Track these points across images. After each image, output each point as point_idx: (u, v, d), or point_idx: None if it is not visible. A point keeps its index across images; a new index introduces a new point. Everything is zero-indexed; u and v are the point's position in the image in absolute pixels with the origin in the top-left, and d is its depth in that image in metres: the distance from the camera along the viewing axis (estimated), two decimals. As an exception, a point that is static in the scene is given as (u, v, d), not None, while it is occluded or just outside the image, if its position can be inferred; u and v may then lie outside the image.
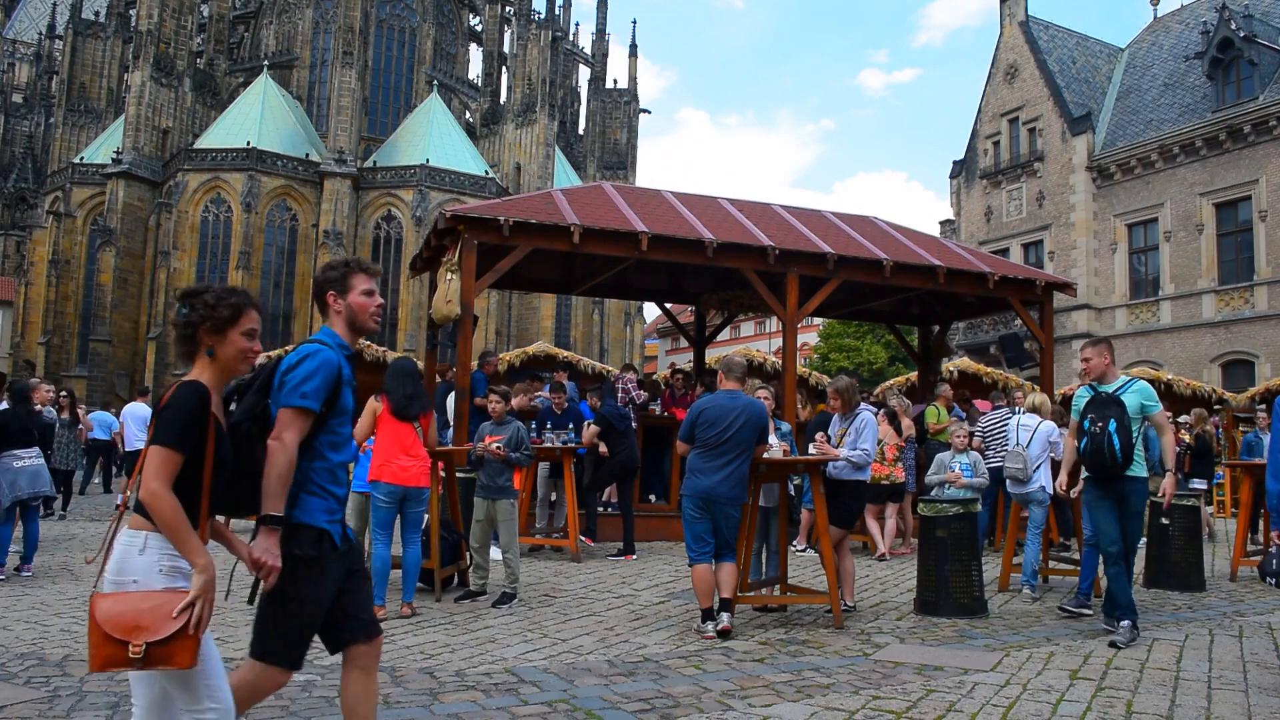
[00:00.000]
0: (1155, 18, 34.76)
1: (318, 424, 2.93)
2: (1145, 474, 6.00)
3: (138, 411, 14.65)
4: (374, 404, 6.58)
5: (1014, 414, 9.33)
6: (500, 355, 18.91)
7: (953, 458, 8.32)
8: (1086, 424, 5.92)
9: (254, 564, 2.76)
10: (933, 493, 7.91)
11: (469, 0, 61.57)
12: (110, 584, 2.47)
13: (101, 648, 2.37)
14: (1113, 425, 5.78)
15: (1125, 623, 5.73)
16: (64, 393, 13.38)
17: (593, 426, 9.52)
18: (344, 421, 3.05)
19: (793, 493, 8.38)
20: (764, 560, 7.10)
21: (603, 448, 9.49)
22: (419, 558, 6.51)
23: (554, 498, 10.20)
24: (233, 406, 2.86)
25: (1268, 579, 5.50)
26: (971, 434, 10.03)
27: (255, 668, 2.97)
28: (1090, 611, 6.57)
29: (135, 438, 14.34)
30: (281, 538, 2.83)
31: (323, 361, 2.93)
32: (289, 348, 3.26)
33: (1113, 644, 5.67)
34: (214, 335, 2.62)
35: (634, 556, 9.37)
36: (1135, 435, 5.82)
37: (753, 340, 53.24)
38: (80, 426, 13.57)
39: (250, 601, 2.89)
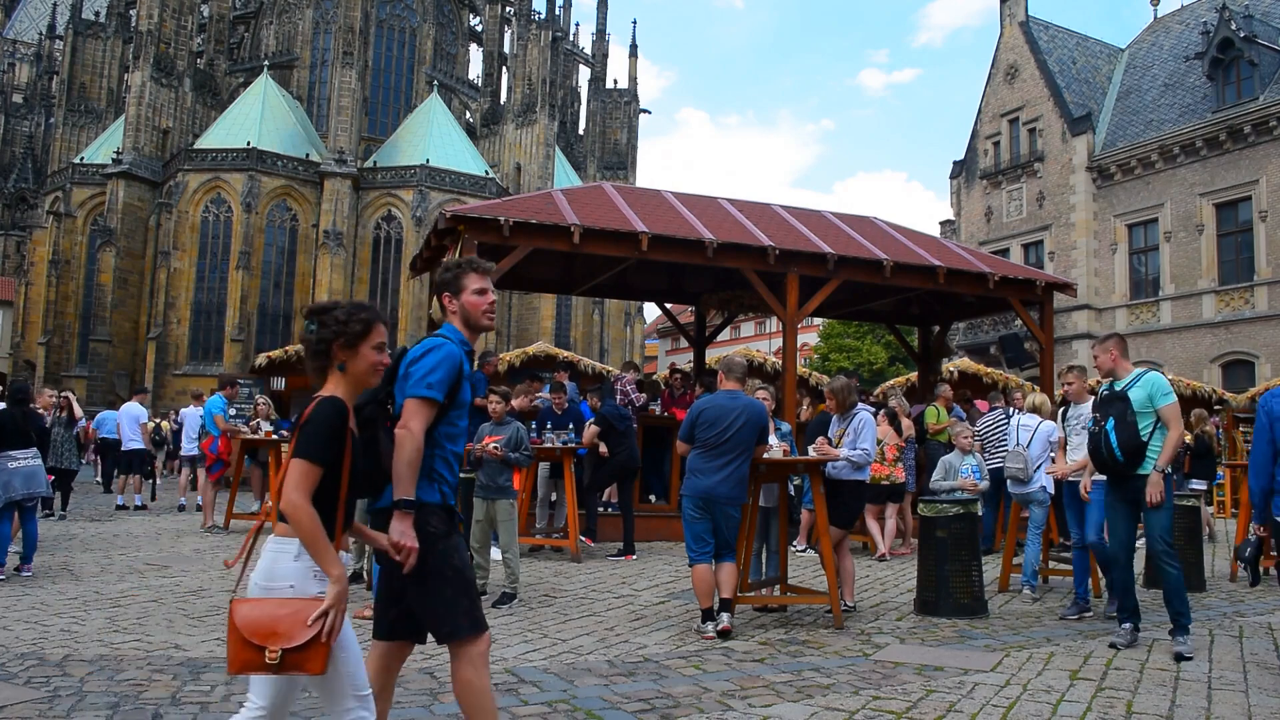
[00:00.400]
0: (1155, 18, 34.77)
1: (439, 415, 3.04)
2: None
3: (132, 411, 14.66)
4: None
5: (1008, 415, 9.35)
6: (500, 355, 18.92)
7: (961, 460, 8.25)
8: (1090, 423, 5.90)
9: (394, 548, 2.88)
10: (941, 495, 7.87)
11: (469, 0, 61.56)
12: (259, 589, 2.55)
13: (240, 652, 2.44)
14: (1110, 423, 5.73)
15: (1126, 625, 5.71)
16: (64, 393, 13.37)
17: (593, 426, 9.52)
18: (462, 414, 3.16)
19: (793, 493, 8.39)
20: (764, 560, 7.09)
21: (603, 448, 9.49)
22: None
23: (554, 498, 10.20)
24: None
25: (1240, 563, 5.51)
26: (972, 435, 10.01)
27: (462, 650, 3.03)
28: (1091, 612, 6.55)
29: (130, 439, 14.35)
30: (419, 519, 2.96)
31: (446, 354, 3.07)
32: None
33: (1112, 645, 5.67)
34: (347, 350, 2.69)
35: (634, 557, 9.37)
36: (1144, 431, 5.60)
37: (753, 340, 53.24)
38: (80, 427, 13.56)
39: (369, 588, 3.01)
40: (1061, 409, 7.04)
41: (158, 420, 21.98)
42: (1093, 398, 6.72)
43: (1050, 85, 32.11)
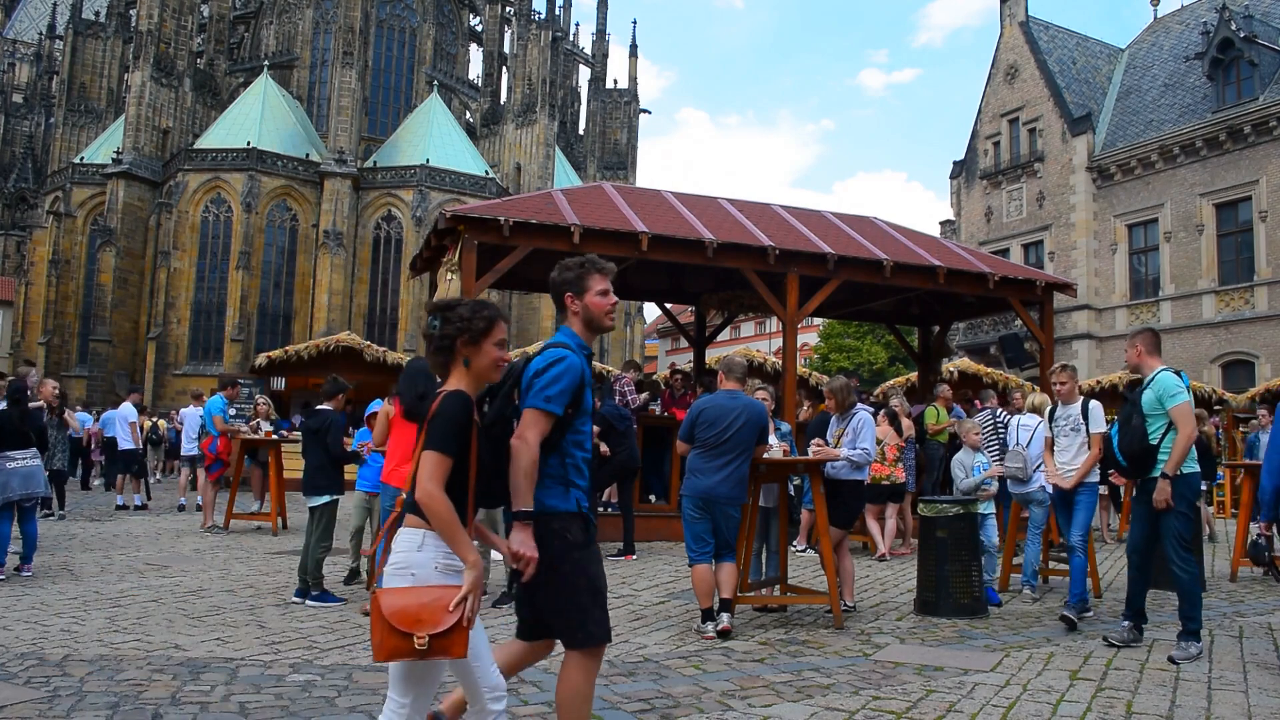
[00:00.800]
0: (1155, 18, 34.77)
1: (564, 424, 3.08)
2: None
3: (124, 412, 14.66)
4: (387, 407, 6.59)
5: (994, 415, 9.33)
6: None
7: (972, 457, 8.06)
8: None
9: (514, 557, 2.93)
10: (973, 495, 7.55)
11: (469, 0, 61.56)
12: (390, 580, 2.65)
13: (388, 639, 2.53)
14: (1115, 429, 5.73)
15: (1126, 623, 5.70)
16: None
17: (593, 426, 9.51)
18: (585, 420, 3.21)
19: (793, 493, 8.38)
20: (764, 560, 7.09)
21: (604, 448, 9.48)
22: None
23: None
24: (485, 408, 3.02)
25: (1260, 565, 5.43)
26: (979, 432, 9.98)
27: (581, 657, 3.10)
28: (1091, 613, 6.53)
29: (124, 438, 14.35)
30: (558, 528, 3.02)
31: (568, 366, 3.08)
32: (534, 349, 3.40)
33: (1105, 638, 5.67)
34: (470, 346, 2.79)
35: (634, 556, 9.37)
36: (1154, 434, 5.51)
37: (753, 340, 53.23)
38: (71, 429, 13.56)
39: (510, 588, 3.03)
40: (1050, 409, 6.95)
41: (155, 419, 22.00)
42: (1082, 398, 6.71)
43: (1050, 85, 32.11)
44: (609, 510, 10.62)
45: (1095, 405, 6.61)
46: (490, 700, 2.76)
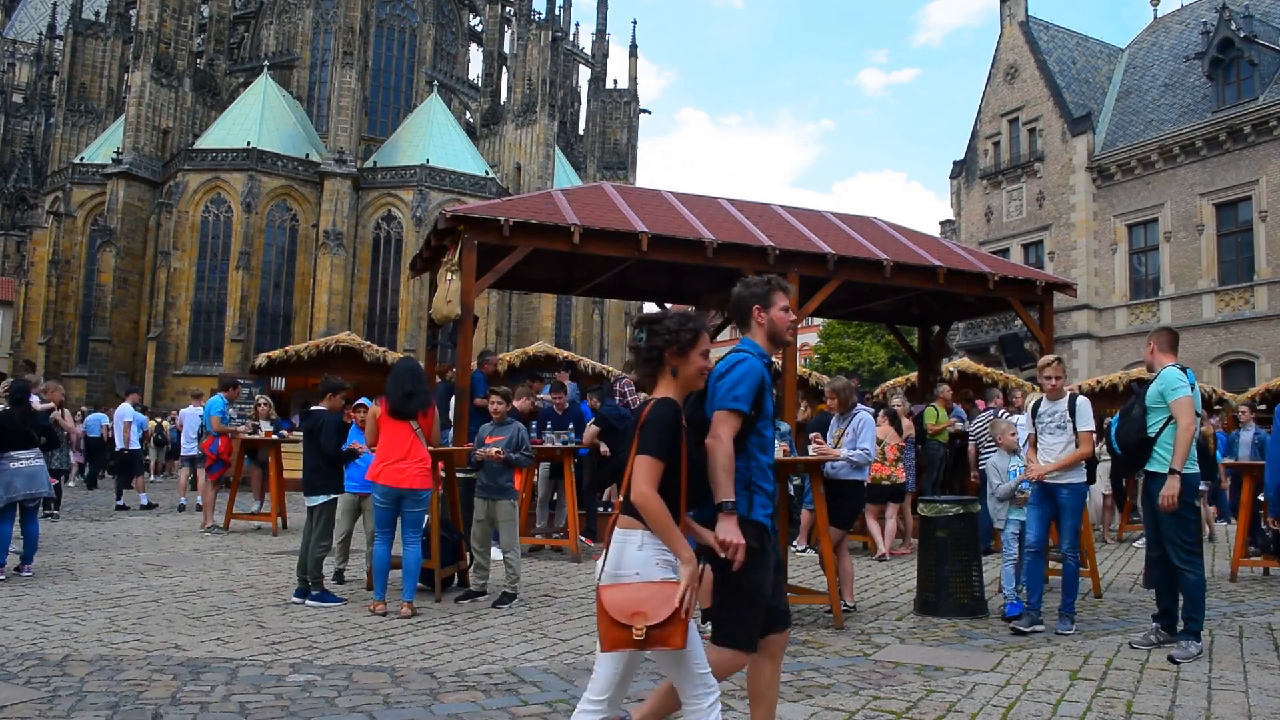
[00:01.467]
0: (1155, 18, 34.77)
1: (747, 427, 3.23)
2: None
3: (124, 413, 14.65)
4: (374, 408, 6.61)
5: (996, 415, 9.30)
6: (500, 355, 18.92)
7: (1008, 460, 7.78)
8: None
9: (721, 545, 3.05)
10: (1004, 502, 7.05)
11: (469, 0, 61.55)
12: (610, 576, 2.80)
13: (610, 631, 2.72)
14: (1115, 419, 5.73)
15: (1154, 624, 5.64)
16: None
17: (592, 427, 9.52)
18: (768, 425, 3.37)
19: (792, 493, 8.38)
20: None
21: (604, 448, 9.49)
22: (419, 557, 6.51)
23: (554, 498, 10.20)
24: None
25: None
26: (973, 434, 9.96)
27: (720, 653, 3.26)
28: (1042, 628, 6.03)
29: (122, 440, 14.35)
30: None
31: (750, 368, 3.27)
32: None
33: (1132, 645, 5.64)
34: (678, 357, 2.95)
35: (634, 556, 9.35)
36: (1153, 426, 5.50)
37: (753, 340, 53.13)
38: (68, 429, 13.57)
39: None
40: (1035, 403, 6.55)
41: (159, 420, 22.07)
42: (1069, 394, 6.52)
43: (1050, 85, 32.11)
44: (609, 510, 10.62)
45: (1083, 401, 6.33)
46: (703, 693, 2.92)
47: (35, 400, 9.94)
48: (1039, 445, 6.34)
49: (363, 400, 8.19)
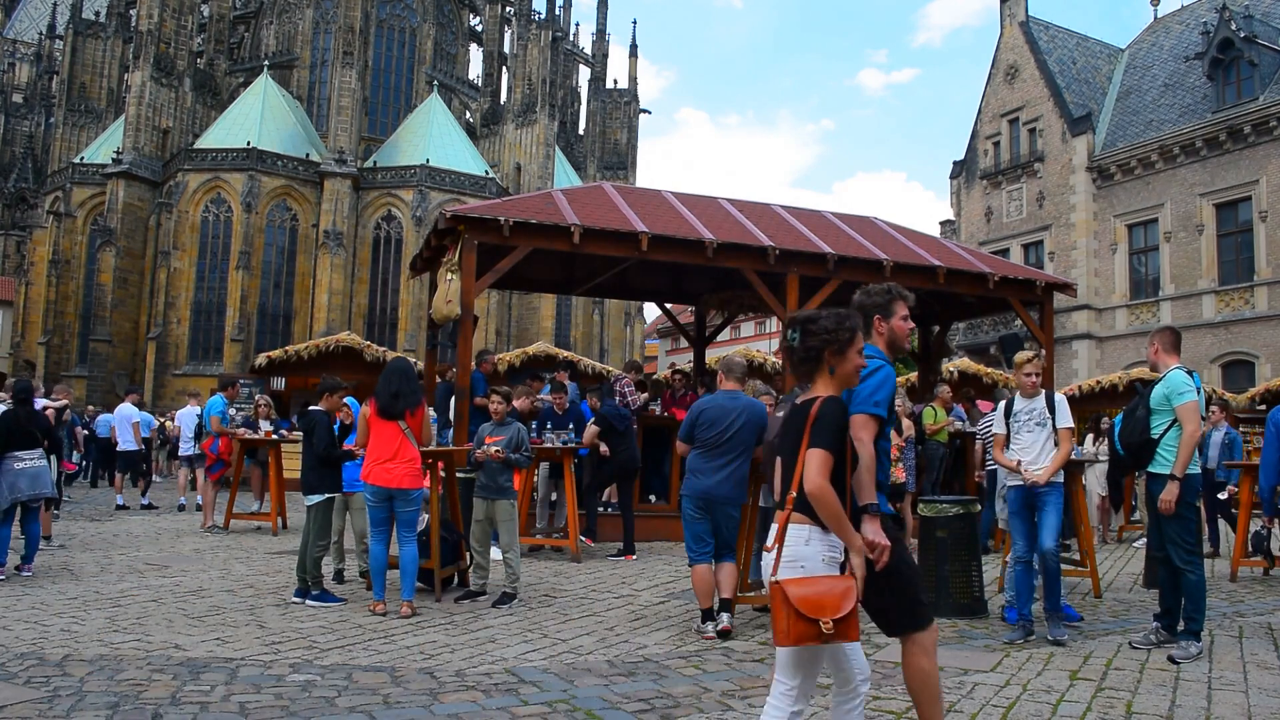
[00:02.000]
0: (1155, 18, 34.77)
1: (879, 430, 3.37)
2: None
3: (125, 412, 14.64)
4: (365, 409, 6.63)
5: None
6: (500, 355, 18.91)
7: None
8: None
9: (869, 546, 3.10)
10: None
11: (469, 0, 61.54)
12: (786, 570, 2.89)
13: (795, 625, 2.79)
14: (1119, 419, 5.72)
15: (1154, 624, 5.64)
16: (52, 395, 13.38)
17: (593, 427, 9.52)
18: (888, 425, 3.52)
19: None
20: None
21: (604, 448, 9.48)
22: (414, 556, 6.52)
23: (554, 498, 10.20)
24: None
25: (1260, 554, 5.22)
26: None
27: (921, 638, 3.33)
28: (1034, 635, 5.85)
29: (125, 440, 14.35)
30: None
31: (887, 375, 3.42)
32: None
33: (1132, 644, 5.63)
34: (837, 356, 3.04)
35: (634, 557, 9.37)
36: (1156, 428, 5.48)
37: (753, 340, 53.19)
38: (78, 427, 13.60)
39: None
40: (1008, 402, 6.28)
41: (163, 420, 22.11)
42: (1044, 391, 6.34)
43: (1050, 85, 32.11)
44: (609, 510, 10.63)
45: (1061, 398, 6.13)
46: (860, 682, 3.02)
47: (50, 401, 10.04)
48: (1014, 444, 6.08)
49: (347, 400, 8.19)
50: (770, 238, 10.42)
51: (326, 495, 7.01)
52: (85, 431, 18.67)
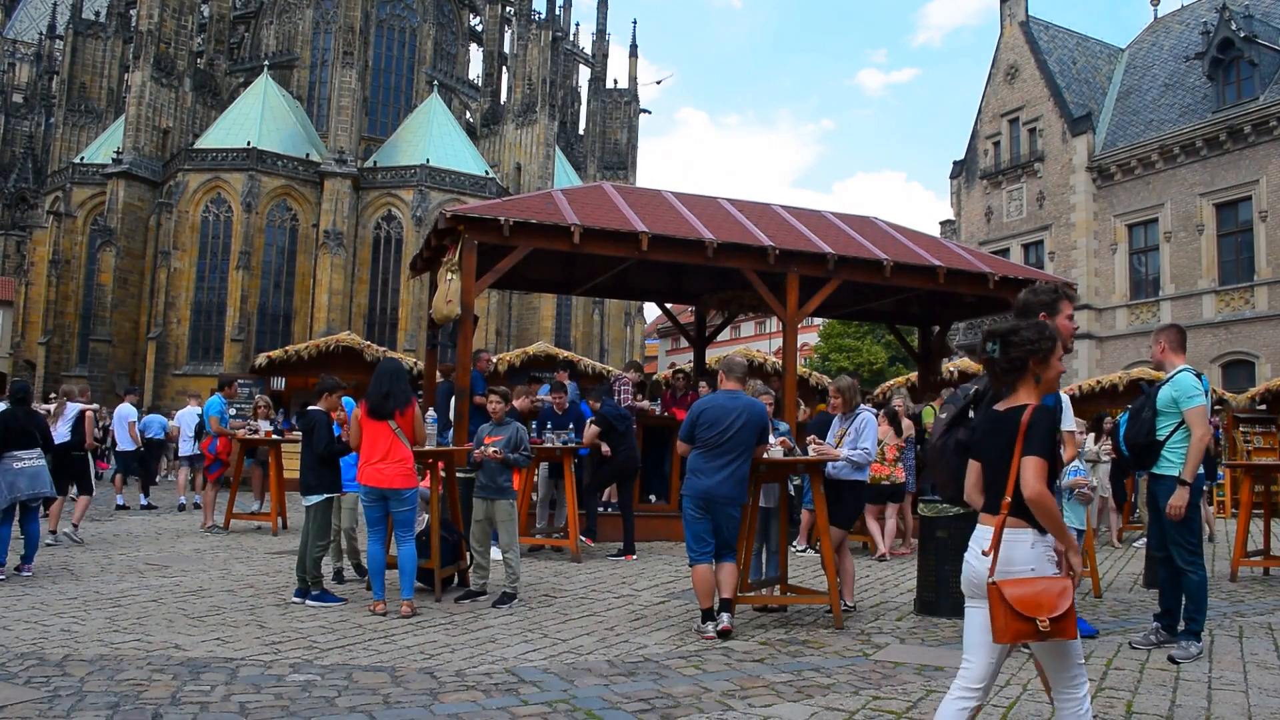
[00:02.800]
0: (1155, 18, 34.77)
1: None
2: (1175, 472, 5.48)
3: (124, 413, 14.65)
4: (356, 410, 6.64)
5: None
6: (500, 355, 18.91)
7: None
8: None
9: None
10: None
11: (469, 0, 61.56)
12: (1003, 572, 3.00)
13: (1012, 623, 2.92)
14: (1123, 418, 5.70)
15: (1154, 624, 5.63)
16: (53, 395, 13.39)
17: (593, 427, 9.52)
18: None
19: (793, 493, 8.37)
20: (764, 560, 7.09)
21: (605, 448, 9.49)
22: (412, 555, 6.52)
23: (554, 498, 10.20)
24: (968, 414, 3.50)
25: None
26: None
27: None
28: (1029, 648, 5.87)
29: (123, 440, 14.34)
30: None
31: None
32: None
33: (1131, 645, 5.61)
34: (1041, 364, 3.17)
35: (634, 557, 9.37)
36: (1162, 430, 5.48)
37: (753, 340, 53.24)
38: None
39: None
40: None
41: (171, 420, 22.10)
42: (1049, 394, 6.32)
43: (1050, 85, 32.11)
44: (609, 510, 10.63)
45: (1065, 400, 6.14)
46: (1080, 682, 3.12)
47: (81, 406, 10.33)
48: None
49: (343, 401, 8.19)
50: (770, 238, 10.42)
51: (325, 495, 7.02)
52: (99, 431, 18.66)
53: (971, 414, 3.48)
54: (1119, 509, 12.44)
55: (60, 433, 9.91)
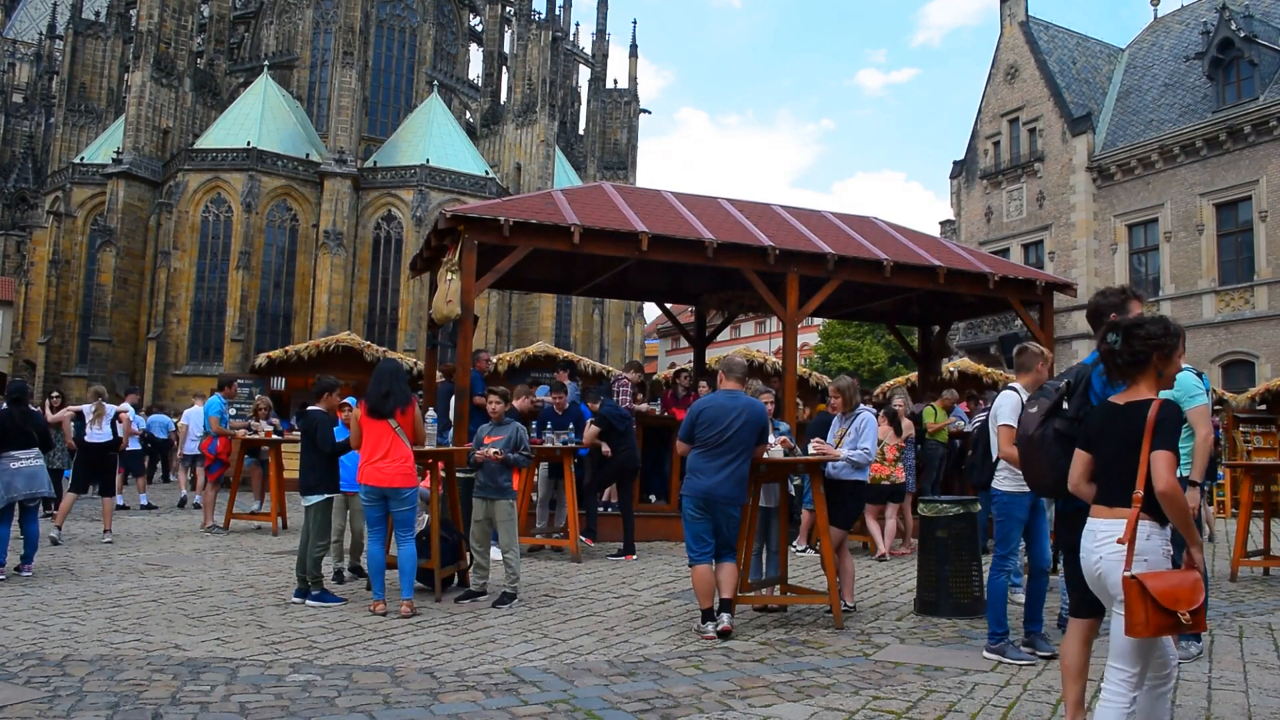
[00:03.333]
0: (1155, 18, 34.76)
1: None
2: (1182, 473, 5.06)
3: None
4: (356, 410, 6.65)
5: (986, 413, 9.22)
6: (500, 355, 18.92)
7: None
8: None
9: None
10: None
11: (469, 0, 61.56)
12: (1137, 566, 3.03)
13: (1154, 616, 2.93)
14: None
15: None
16: (54, 394, 13.39)
17: (593, 427, 9.52)
18: None
19: (793, 493, 8.37)
20: (764, 560, 7.09)
21: (604, 448, 9.48)
22: (412, 555, 6.52)
23: (554, 498, 10.20)
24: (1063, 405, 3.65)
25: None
26: None
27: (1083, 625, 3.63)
28: (1047, 653, 5.28)
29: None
30: None
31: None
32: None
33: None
34: (1164, 360, 3.22)
35: (634, 557, 9.37)
36: None
37: (753, 340, 53.24)
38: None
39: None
40: (1017, 395, 5.55)
41: (178, 420, 22.14)
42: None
43: (1050, 85, 32.11)
44: (609, 510, 10.63)
45: None
46: (1173, 668, 3.20)
47: (120, 408, 10.76)
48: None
49: (347, 399, 8.20)
50: (770, 238, 10.42)
51: (325, 495, 7.02)
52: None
53: (1065, 405, 3.51)
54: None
55: (104, 432, 10.79)
